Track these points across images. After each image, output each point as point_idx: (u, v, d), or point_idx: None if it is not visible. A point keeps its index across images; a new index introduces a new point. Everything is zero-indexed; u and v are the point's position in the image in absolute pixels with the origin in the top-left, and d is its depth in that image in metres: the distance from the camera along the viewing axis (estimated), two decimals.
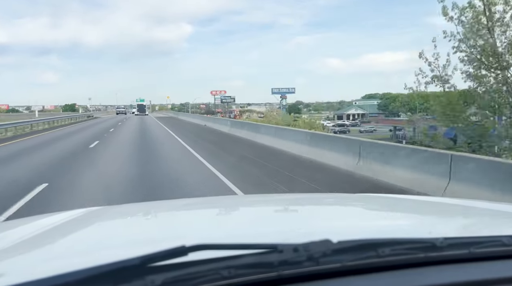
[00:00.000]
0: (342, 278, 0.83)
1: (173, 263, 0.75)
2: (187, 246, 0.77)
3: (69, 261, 0.95)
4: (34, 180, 7.82)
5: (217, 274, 0.75)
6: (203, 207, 1.93)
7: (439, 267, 0.88)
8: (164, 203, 2.46)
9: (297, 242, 0.82)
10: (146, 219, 1.68)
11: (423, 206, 1.78)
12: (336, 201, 2.05)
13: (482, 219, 1.46)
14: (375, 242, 0.88)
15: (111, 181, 8.21)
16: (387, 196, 2.32)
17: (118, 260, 0.73)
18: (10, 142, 17.93)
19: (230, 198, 3.47)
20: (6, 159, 12.10)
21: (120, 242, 1.20)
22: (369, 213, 1.70)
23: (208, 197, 4.76)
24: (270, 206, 1.89)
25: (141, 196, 6.51)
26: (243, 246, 0.82)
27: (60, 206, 5.86)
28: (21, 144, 17.16)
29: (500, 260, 0.92)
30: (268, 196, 4.09)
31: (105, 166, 10.54)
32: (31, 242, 1.21)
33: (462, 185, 5.90)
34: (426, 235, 0.99)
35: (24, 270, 0.90)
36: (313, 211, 1.76)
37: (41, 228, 1.37)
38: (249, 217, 1.64)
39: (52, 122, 34.63)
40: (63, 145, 16.76)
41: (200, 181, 8.21)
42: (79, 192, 7.17)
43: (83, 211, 1.71)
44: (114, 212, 1.82)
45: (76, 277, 0.70)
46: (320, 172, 9.07)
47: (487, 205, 1.68)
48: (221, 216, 1.70)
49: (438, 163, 6.49)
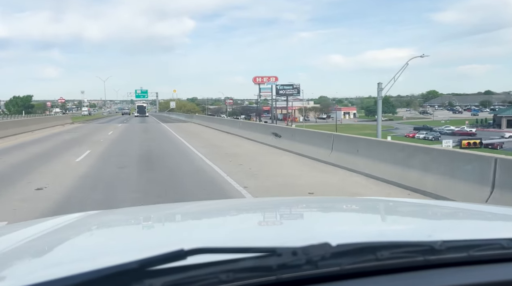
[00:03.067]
0: (341, 281, 0.83)
1: (171, 267, 0.74)
2: (185, 249, 0.77)
3: (68, 265, 0.94)
4: None
5: (215, 278, 0.75)
6: (201, 210, 1.92)
7: (438, 270, 0.88)
8: (163, 207, 2.46)
9: (296, 245, 0.82)
10: (145, 222, 1.68)
11: (422, 209, 1.78)
12: (334, 205, 2.05)
13: (481, 222, 1.47)
14: (374, 245, 0.88)
15: None
16: (386, 200, 2.31)
17: (117, 263, 0.73)
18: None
19: (229, 202, 3.47)
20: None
21: (118, 246, 1.20)
22: (368, 216, 1.70)
23: (206, 201, 4.75)
24: (269, 209, 1.89)
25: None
26: (241, 250, 0.82)
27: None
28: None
29: (499, 263, 0.92)
30: (267, 199, 4.08)
31: None
32: (30, 246, 1.21)
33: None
34: (425, 238, 0.99)
35: (23, 274, 0.89)
36: (311, 214, 1.76)
37: (40, 232, 1.37)
38: (248, 220, 1.64)
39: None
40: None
41: None
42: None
43: (82, 215, 1.71)
44: (112, 216, 1.82)
45: (75, 281, 0.70)
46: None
47: (486, 208, 1.69)
48: (219, 219, 1.70)
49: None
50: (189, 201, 5.12)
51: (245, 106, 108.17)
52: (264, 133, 16.80)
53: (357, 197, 5.14)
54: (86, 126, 34.84)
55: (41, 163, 11.29)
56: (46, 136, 21.34)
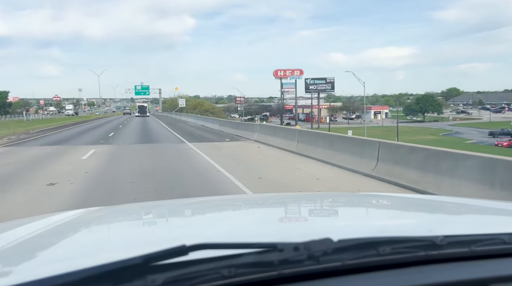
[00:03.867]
0: (343, 277, 0.83)
1: (173, 262, 0.75)
2: (187, 245, 0.77)
3: (69, 261, 0.94)
4: None
5: (217, 273, 0.75)
6: (203, 206, 1.92)
7: (440, 265, 0.88)
8: (164, 203, 2.46)
9: (298, 240, 0.82)
10: (146, 218, 1.68)
11: (423, 205, 1.78)
12: (336, 200, 2.05)
13: (482, 217, 1.47)
14: (376, 240, 0.88)
15: None
16: (387, 195, 2.31)
17: (119, 259, 0.73)
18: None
19: (230, 198, 3.47)
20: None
21: (120, 242, 1.20)
22: (369, 211, 1.70)
23: (208, 197, 4.75)
24: (270, 205, 1.89)
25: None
26: (243, 245, 0.82)
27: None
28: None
29: (500, 258, 0.92)
30: (268, 195, 4.08)
31: None
32: (32, 243, 1.21)
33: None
34: (427, 233, 0.99)
35: (25, 270, 0.90)
36: (313, 209, 1.76)
37: (41, 228, 1.37)
38: (249, 216, 1.64)
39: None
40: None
41: None
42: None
43: (83, 211, 1.71)
44: (113, 212, 1.82)
45: (77, 276, 0.70)
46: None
47: (487, 203, 1.68)
48: (221, 215, 1.70)
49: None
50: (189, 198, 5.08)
51: (261, 105, 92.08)
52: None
53: (358, 193, 5.13)
54: (17, 154, 13.87)
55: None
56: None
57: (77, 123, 42.08)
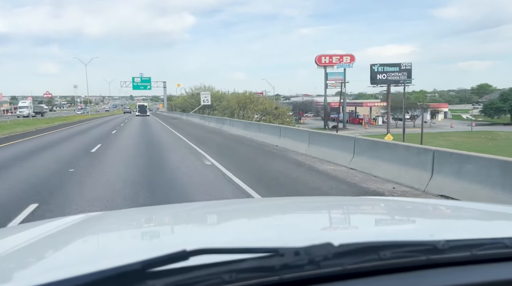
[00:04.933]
0: (344, 281, 0.83)
1: (174, 268, 0.74)
2: (188, 250, 0.76)
3: (69, 267, 0.94)
4: None
5: (218, 278, 0.75)
6: (203, 211, 1.92)
7: (441, 269, 0.88)
8: (165, 208, 2.45)
9: (298, 245, 0.82)
10: (147, 224, 1.67)
11: (424, 209, 1.78)
12: (336, 204, 2.04)
13: (484, 221, 1.46)
14: (377, 245, 0.87)
15: None
16: (388, 199, 2.31)
17: (119, 265, 0.72)
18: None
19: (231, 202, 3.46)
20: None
21: (120, 247, 1.20)
22: (370, 216, 1.70)
23: (208, 201, 4.74)
24: (271, 209, 1.88)
25: None
26: (244, 250, 0.82)
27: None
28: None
29: (502, 262, 0.91)
30: (268, 199, 4.07)
31: None
32: (32, 249, 1.20)
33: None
34: (428, 237, 0.99)
35: (25, 276, 0.89)
36: (314, 214, 1.75)
37: (41, 234, 1.36)
38: (250, 221, 1.63)
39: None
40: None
41: None
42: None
43: (83, 216, 1.70)
44: (114, 217, 1.81)
45: (77, 282, 0.70)
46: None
47: (489, 207, 1.68)
48: (222, 220, 1.69)
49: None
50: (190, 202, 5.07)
51: (295, 103, 75.38)
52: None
53: (359, 197, 5.13)
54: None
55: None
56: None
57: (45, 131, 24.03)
